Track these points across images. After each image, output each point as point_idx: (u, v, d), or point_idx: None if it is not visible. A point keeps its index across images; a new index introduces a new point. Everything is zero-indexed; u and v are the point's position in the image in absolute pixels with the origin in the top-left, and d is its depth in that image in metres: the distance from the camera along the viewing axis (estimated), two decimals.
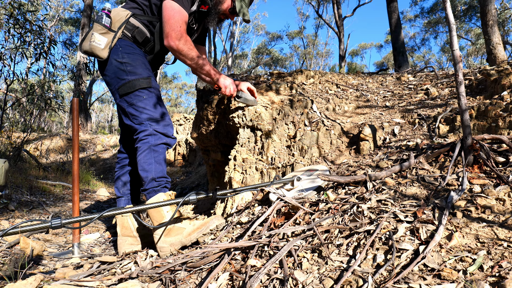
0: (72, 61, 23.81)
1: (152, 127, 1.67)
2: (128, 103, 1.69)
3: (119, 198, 1.94)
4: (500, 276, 0.80)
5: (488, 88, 2.29)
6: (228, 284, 1.07)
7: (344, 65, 13.85)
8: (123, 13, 1.72)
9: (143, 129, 1.67)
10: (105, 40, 1.66)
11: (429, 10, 21.70)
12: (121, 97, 1.71)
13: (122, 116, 1.78)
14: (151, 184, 1.63)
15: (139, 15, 1.75)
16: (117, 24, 1.70)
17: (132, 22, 1.73)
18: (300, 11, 28.69)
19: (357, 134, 2.08)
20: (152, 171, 1.64)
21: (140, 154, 1.66)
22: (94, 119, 33.29)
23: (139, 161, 1.65)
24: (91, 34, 1.66)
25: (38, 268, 1.49)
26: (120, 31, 1.70)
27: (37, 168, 4.99)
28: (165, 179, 1.67)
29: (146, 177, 1.63)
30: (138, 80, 1.68)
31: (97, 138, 10.71)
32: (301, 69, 3.11)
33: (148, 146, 1.65)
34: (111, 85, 1.75)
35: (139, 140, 1.67)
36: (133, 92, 1.67)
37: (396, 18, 6.30)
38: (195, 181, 4.30)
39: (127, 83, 1.67)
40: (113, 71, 1.70)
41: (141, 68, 1.72)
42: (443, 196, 1.21)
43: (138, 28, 1.74)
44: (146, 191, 1.64)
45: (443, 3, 1.41)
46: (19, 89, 11.57)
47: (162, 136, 1.69)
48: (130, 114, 1.70)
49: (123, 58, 1.68)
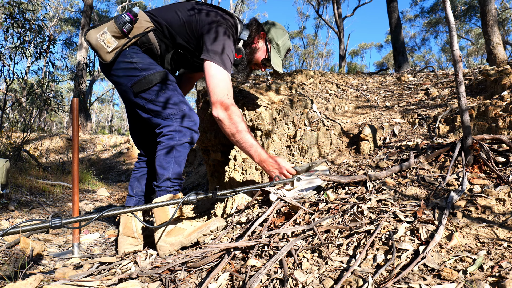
0: (72, 61, 23.81)
1: (177, 123, 1.60)
2: (147, 100, 1.62)
3: (130, 197, 1.89)
4: (500, 276, 0.80)
5: (488, 88, 2.29)
6: (228, 284, 1.07)
7: (344, 65, 13.86)
8: (145, 24, 1.66)
9: (167, 123, 1.60)
10: (115, 44, 1.60)
11: (429, 10, 21.70)
12: (137, 95, 1.63)
13: (140, 112, 1.69)
14: (165, 183, 1.59)
15: (159, 33, 1.70)
16: (135, 31, 1.64)
17: (149, 36, 1.67)
18: (300, 11, 28.73)
19: (357, 134, 2.08)
20: (170, 170, 1.59)
21: (161, 149, 1.60)
22: (94, 119, 33.29)
23: (159, 156, 1.60)
24: (104, 32, 1.59)
25: (38, 268, 1.48)
26: (134, 40, 1.64)
27: (37, 168, 4.99)
28: (179, 181, 1.63)
29: (162, 174, 1.59)
30: (154, 75, 1.61)
31: (97, 138, 10.71)
32: (301, 69, 3.11)
33: (172, 144, 1.58)
34: (122, 85, 1.67)
35: (163, 135, 1.61)
36: (151, 87, 1.61)
37: (396, 18, 6.30)
38: (195, 181, 4.30)
39: (142, 79, 1.60)
40: (123, 71, 1.64)
41: (153, 64, 1.66)
42: (443, 196, 1.21)
43: (152, 46, 1.69)
44: (159, 188, 1.60)
45: (443, 3, 1.41)
46: (18, 89, 11.57)
47: (187, 132, 1.61)
48: (151, 110, 1.63)
49: (132, 58, 1.63)
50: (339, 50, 14.81)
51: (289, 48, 1.95)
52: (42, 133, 10.29)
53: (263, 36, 1.87)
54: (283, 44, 1.89)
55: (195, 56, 1.80)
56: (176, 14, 1.71)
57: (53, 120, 24.17)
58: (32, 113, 6.45)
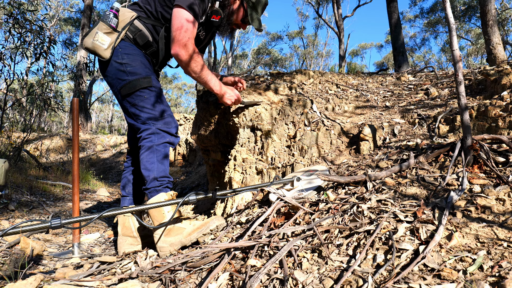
0: (72, 61, 23.81)
1: (155, 126, 1.67)
2: (131, 104, 1.70)
3: (124, 197, 1.93)
4: (500, 276, 0.80)
5: (488, 88, 2.29)
6: (228, 284, 1.07)
7: (344, 65, 13.85)
8: (128, 14, 1.72)
9: (146, 127, 1.68)
10: (109, 40, 1.66)
11: (428, 11, 21.71)
12: (124, 98, 1.70)
13: (125, 116, 1.78)
14: (153, 183, 1.63)
15: (143, 17, 1.74)
16: (121, 24, 1.69)
17: (136, 24, 1.72)
18: (300, 11, 28.71)
19: (357, 134, 2.08)
20: (154, 170, 1.63)
21: (143, 153, 1.66)
22: (94, 119, 33.29)
23: (142, 159, 1.66)
24: (96, 33, 1.65)
25: (38, 268, 1.49)
26: (124, 32, 1.69)
27: (37, 168, 4.99)
28: (167, 178, 1.67)
29: (148, 176, 1.63)
30: (138, 80, 1.67)
31: (97, 138, 10.71)
32: (301, 69, 3.11)
33: (151, 145, 1.65)
34: (113, 86, 1.75)
35: (142, 139, 1.67)
36: (135, 92, 1.67)
37: (396, 18, 6.30)
38: (195, 181, 4.30)
39: (128, 83, 1.67)
40: (114, 72, 1.70)
41: (141, 68, 1.71)
42: (443, 196, 1.21)
43: (141, 31, 1.73)
44: (148, 190, 1.64)
45: (443, 3, 1.41)
46: (18, 89, 11.57)
47: (166, 135, 1.69)
48: (133, 114, 1.70)
49: (122, 59, 1.68)
50: (339, 50, 14.81)
51: (265, 3, 1.96)
52: (42, 133, 10.29)
53: None
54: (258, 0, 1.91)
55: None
56: None
57: (53, 120, 24.19)
58: (32, 113, 6.45)
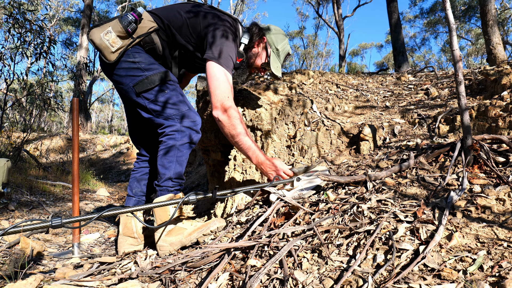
0: (72, 61, 23.81)
1: (179, 123, 1.61)
2: (149, 100, 1.62)
3: (130, 197, 1.89)
4: (500, 276, 0.80)
5: (488, 88, 2.29)
6: (228, 284, 1.07)
7: (344, 65, 13.85)
8: (149, 24, 1.67)
9: (170, 124, 1.61)
10: (120, 44, 1.60)
11: (428, 11, 21.70)
12: (139, 95, 1.63)
13: (142, 112, 1.69)
14: (167, 183, 1.60)
15: (162, 33, 1.70)
16: (139, 31, 1.64)
17: (153, 37, 1.68)
18: (299, 11, 28.74)
19: (357, 134, 2.08)
20: (172, 170, 1.60)
21: (163, 149, 1.60)
22: (94, 119, 33.28)
23: (160, 155, 1.61)
24: (108, 31, 1.59)
25: (38, 268, 1.48)
26: (138, 40, 1.64)
27: (37, 168, 5.00)
28: (181, 181, 1.64)
29: (163, 174, 1.60)
30: (156, 75, 1.62)
31: (97, 138, 10.71)
32: (300, 69, 3.11)
33: (173, 144, 1.59)
34: (123, 84, 1.66)
35: (165, 135, 1.61)
36: (153, 88, 1.61)
37: (396, 18, 6.30)
38: (195, 181, 4.30)
39: (145, 79, 1.61)
40: (125, 70, 1.64)
41: (155, 64, 1.67)
42: (443, 196, 1.21)
43: (154, 46, 1.70)
44: (160, 188, 1.61)
45: (443, 3, 1.41)
46: (18, 89, 11.58)
47: (190, 132, 1.63)
48: (153, 110, 1.63)
49: (134, 58, 1.63)
50: (339, 50, 14.81)
51: (288, 52, 1.98)
52: (42, 133, 10.29)
53: (263, 40, 1.90)
54: (282, 48, 1.93)
55: (195, 57, 1.81)
56: (178, 13, 1.72)
57: (53, 120, 24.17)
58: (32, 113, 6.45)
